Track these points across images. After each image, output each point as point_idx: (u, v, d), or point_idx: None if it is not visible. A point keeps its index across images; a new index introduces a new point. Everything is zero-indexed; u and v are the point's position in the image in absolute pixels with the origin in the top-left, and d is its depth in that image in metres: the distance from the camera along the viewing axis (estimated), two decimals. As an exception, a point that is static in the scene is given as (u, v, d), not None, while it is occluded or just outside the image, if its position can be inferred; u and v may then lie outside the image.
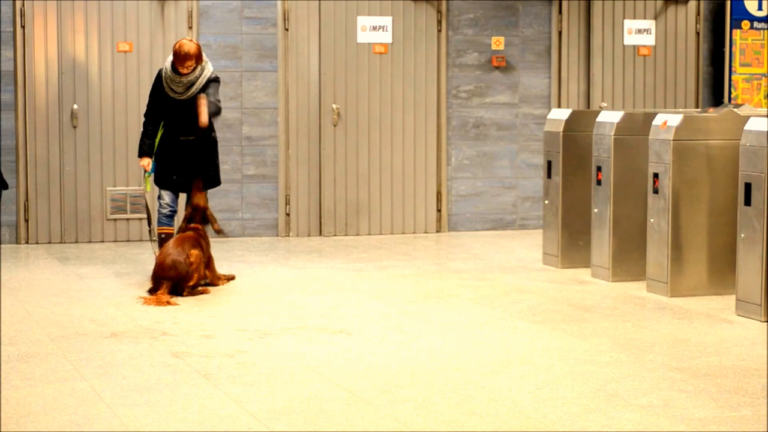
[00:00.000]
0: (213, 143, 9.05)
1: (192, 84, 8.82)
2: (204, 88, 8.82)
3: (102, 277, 9.36)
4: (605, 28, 12.39)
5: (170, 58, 8.87)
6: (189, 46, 8.73)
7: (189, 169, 8.96)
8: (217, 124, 9.34)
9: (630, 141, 9.15)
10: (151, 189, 9.23)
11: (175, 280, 8.40)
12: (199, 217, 8.86)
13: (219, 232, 9.06)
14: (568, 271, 9.69)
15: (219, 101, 8.91)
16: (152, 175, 9.06)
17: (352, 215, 11.87)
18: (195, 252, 8.52)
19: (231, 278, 9.11)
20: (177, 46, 8.76)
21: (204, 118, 8.65)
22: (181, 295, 8.40)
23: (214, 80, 8.91)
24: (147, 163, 8.98)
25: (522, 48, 12.22)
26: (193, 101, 8.81)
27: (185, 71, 8.76)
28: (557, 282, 9.23)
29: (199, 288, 8.57)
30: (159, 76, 8.97)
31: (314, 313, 7.96)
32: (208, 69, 8.90)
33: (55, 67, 11.14)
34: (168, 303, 8.15)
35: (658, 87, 12.59)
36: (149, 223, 9.23)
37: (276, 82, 11.65)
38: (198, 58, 8.77)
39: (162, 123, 8.99)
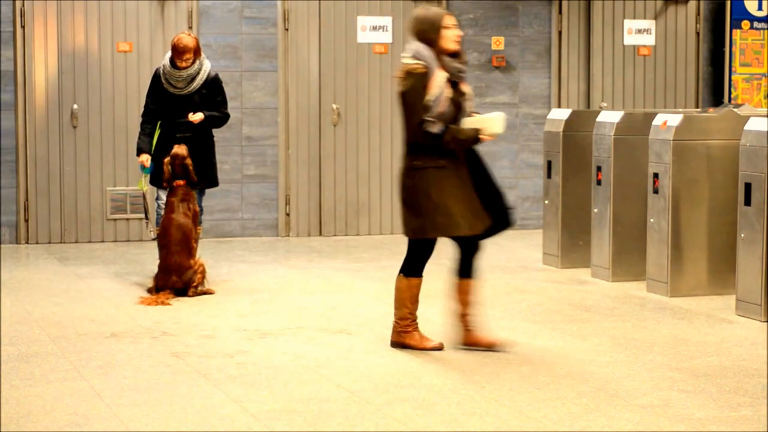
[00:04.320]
0: (210, 143, 9.05)
1: (193, 78, 8.84)
2: (207, 88, 8.84)
3: (102, 277, 9.36)
4: (605, 28, 12.39)
5: (168, 54, 8.89)
6: (187, 40, 8.77)
7: None
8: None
9: (630, 141, 9.15)
10: (147, 188, 9.17)
11: (179, 288, 8.40)
12: (180, 169, 8.52)
13: (197, 184, 8.76)
14: (568, 271, 9.68)
15: (227, 113, 9.01)
16: (149, 174, 9.01)
17: (352, 215, 11.87)
18: (199, 261, 8.54)
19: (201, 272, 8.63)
20: (175, 40, 8.79)
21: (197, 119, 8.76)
22: (186, 295, 8.39)
23: (218, 82, 8.92)
24: (146, 158, 8.91)
25: (522, 48, 12.21)
26: (192, 97, 8.83)
27: (184, 65, 8.77)
28: (557, 282, 9.22)
29: (204, 288, 8.55)
30: (156, 75, 8.97)
31: (314, 313, 7.96)
32: (207, 64, 8.93)
33: (55, 67, 11.14)
34: (162, 303, 8.14)
35: (658, 87, 12.59)
36: (146, 215, 9.16)
37: (276, 82, 11.65)
38: (196, 51, 8.80)
39: (159, 123, 8.98)
